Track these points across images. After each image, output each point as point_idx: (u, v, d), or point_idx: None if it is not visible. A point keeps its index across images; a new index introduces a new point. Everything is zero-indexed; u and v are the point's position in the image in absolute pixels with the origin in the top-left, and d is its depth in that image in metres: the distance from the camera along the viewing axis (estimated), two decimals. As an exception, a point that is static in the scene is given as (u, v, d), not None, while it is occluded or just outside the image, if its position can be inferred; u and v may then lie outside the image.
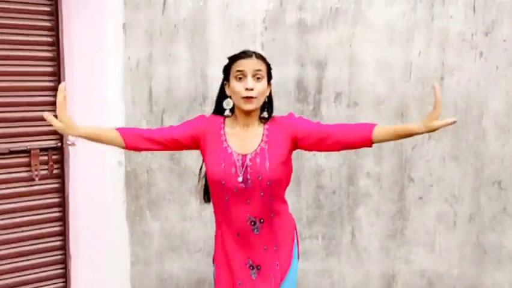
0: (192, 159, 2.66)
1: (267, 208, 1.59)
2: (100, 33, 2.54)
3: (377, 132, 1.49)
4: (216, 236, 1.71)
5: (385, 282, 2.76)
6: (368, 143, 1.51)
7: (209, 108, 2.55)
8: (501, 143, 2.66)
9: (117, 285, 2.76)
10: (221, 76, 2.48)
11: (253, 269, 1.62)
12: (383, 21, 2.59)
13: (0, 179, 2.41)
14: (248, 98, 1.53)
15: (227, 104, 1.60)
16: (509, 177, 2.66)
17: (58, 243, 2.63)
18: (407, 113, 2.64)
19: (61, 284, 2.65)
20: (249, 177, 1.55)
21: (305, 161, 2.65)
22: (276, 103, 2.51)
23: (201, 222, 2.74)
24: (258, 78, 1.55)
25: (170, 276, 2.77)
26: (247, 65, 1.54)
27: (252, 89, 1.53)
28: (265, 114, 1.62)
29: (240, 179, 1.55)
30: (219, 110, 1.66)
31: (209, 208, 2.59)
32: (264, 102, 1.62)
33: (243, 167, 1.55)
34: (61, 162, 2.58)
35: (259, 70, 1.55)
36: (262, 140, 1.59)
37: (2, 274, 2.44)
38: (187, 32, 2.57)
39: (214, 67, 2.54)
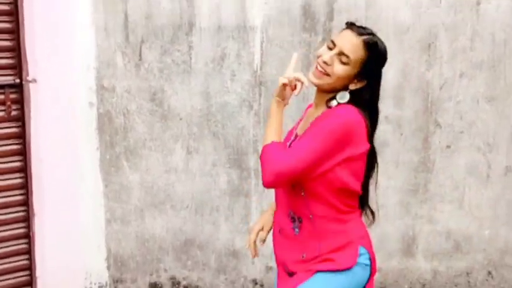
0: (176, 99, 2.56)
1: (304, 206, 1.49)
2: None
3: None
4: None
5: (404, 244, 2.65)
6: None
7: (196, 38, 2.51)
8: (546, 81, 2.53)
9: (90, 246, 2.66)
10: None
11: (290, 275, 1.55)
12: None
13: None
14: (319, 71, 1.42)
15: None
16: (556, 121, 2.63)
17: (19, 197, 2.52)
18: (436, 45, 2.51)
19: (24, 246, 2.56)
20: None
21: (311, 101, 2.49)
22: (278, 33, 2.55)
23: (188, 174, 2.63)
24: (343, 62, 1.41)
25: (152, 236, 2.71)
26: (340, 39, 1.42)
27: (325, 63, 1.40)
28: (332, 103, 1.46)
29: None
30: None
31: (197, 157, 2.56)
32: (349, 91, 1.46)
33: None
34: (21, 102, 2.44)
35: (346, 56, 1.39)
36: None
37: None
38: None
39: (204, -12, 2.48)
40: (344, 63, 1.39)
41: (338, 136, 1.39)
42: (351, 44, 1.39)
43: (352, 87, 1.44)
